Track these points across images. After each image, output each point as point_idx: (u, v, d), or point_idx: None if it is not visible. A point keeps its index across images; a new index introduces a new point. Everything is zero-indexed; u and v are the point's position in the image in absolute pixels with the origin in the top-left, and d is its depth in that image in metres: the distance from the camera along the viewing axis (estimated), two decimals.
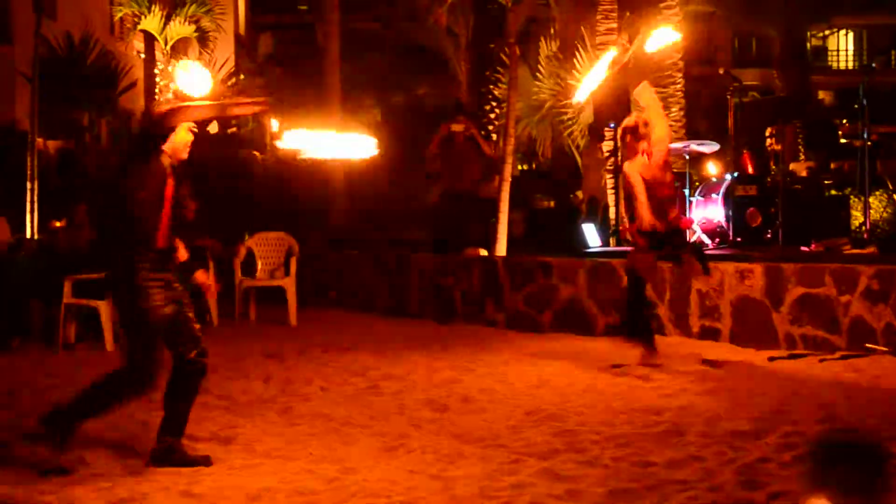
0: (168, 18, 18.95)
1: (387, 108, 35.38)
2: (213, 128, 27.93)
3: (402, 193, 20.18)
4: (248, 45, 37.12)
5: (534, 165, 27.98)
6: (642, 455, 6.09)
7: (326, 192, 20.92)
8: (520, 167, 24.61)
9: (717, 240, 12.64)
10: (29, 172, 15.50)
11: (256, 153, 27.20)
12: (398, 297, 14.13)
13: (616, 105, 14.26)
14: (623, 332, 9.55)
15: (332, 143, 6.59)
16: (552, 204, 24.40)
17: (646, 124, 8.91)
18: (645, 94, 9.02)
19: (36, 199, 15.34)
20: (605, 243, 13.47)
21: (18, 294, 11.21)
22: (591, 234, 13.04)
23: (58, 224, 14.02)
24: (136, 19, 19.50)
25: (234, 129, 28.60)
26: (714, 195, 12.77)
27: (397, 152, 26.36)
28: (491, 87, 23.11)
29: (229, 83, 28.44)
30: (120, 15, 20.41)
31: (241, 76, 30.82)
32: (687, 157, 13.49)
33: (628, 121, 9.09)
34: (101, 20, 29.52)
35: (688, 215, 13.06)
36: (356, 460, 6.14)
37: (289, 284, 13.31)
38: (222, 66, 28.23)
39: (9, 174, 18.97)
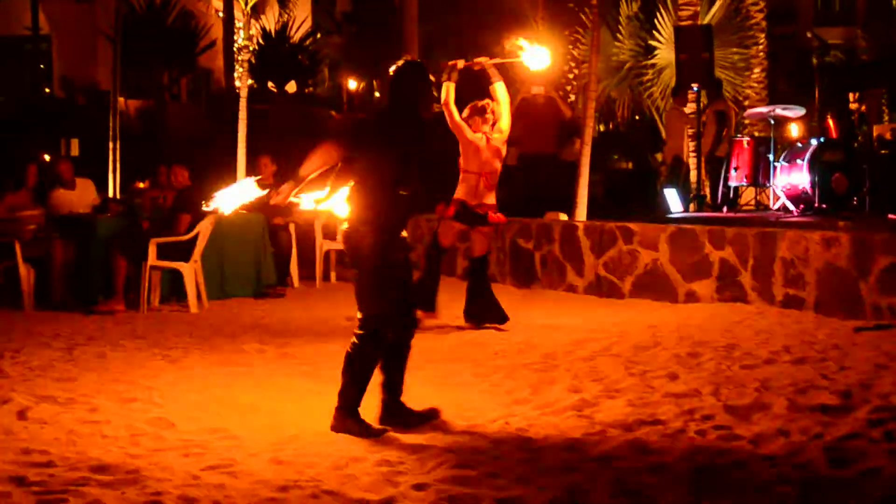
0: None
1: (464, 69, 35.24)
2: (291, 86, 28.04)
3: None
4: (326, 3, 37.15)
5: (611, 126, 27.74)
6: (728, 429, 6.03)
7: None
8: (598, 128, 24.39)
9: (802, 206, 12.43)
10: (111, 132, 15.69)
11: (333, 112, 27.27)
12: None
13: (698, 67, 14.04)
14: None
15: None
16: (630, 166, 24.20)
17: (493, 112, 9.64)
18: (500, 90, 9.65)
19: (118, 159, 15.53)
20: (686, 209, 13.31)
21: (103, 255, 11.35)
22: (672, 200, 12.90)
23: (141, 185, 14.18)
24: None
25: (310, 89, 28.71)
26: (799, 161, 12.53)
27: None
28: (570, 47, 22.89)
29: (307, 42, 28.55)
30: None
31: (319, 35, 30.89)
32: (772, 121, 13.26)
33: (478, 103, 9.74)
34: None
35: (772, 181, 12.86)
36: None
37: None
38: (300, 24, 28.35)
39: (91, 134, 19.22)
